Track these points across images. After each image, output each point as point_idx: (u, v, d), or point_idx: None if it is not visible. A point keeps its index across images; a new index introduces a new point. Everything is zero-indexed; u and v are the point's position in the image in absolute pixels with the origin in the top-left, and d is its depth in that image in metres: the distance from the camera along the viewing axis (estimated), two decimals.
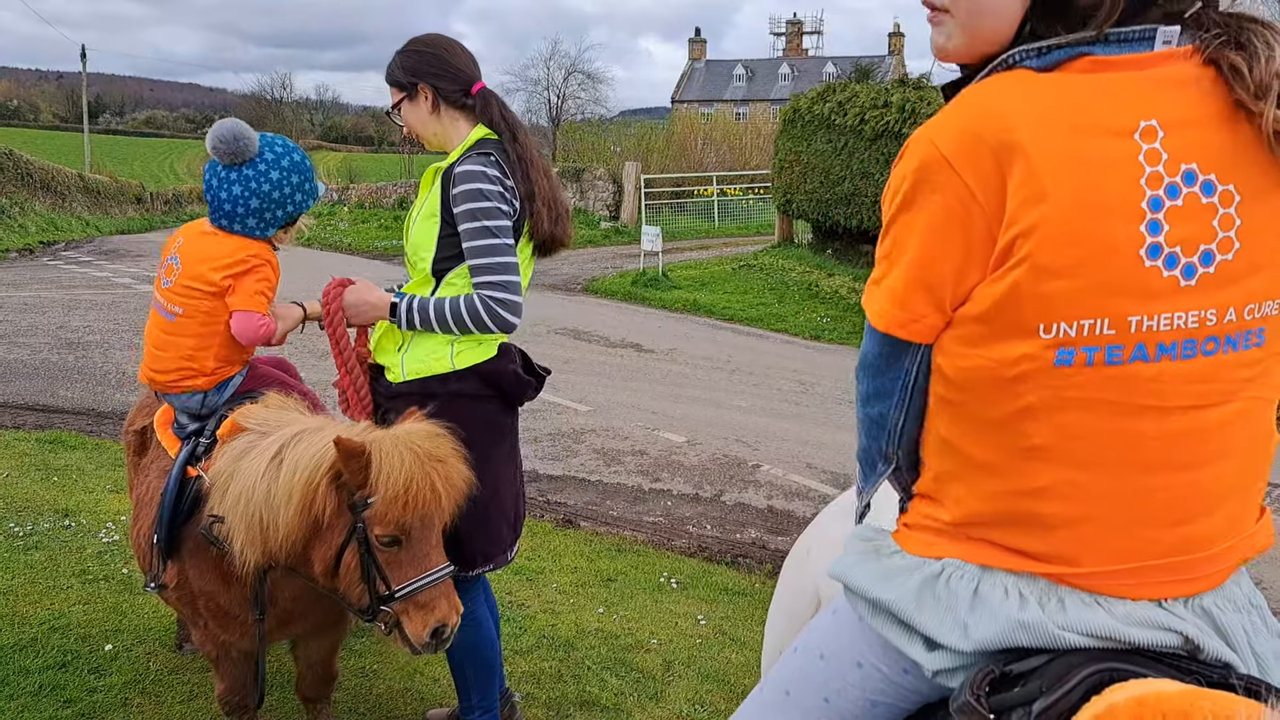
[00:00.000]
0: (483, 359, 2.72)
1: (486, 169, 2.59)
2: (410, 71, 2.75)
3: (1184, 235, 1.10)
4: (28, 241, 22.01)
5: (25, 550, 4.55)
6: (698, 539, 5.75)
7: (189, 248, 2.93)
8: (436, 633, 2.37)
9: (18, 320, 11.14)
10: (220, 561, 2.54)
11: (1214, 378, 1.14)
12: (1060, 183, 1.09)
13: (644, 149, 28.41)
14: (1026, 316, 1.12)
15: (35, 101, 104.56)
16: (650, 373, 9.96)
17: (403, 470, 2.26)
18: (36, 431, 6.78)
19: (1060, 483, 1.16)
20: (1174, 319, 1.11)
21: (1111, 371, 1.12)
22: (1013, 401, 1.16)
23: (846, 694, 1.35)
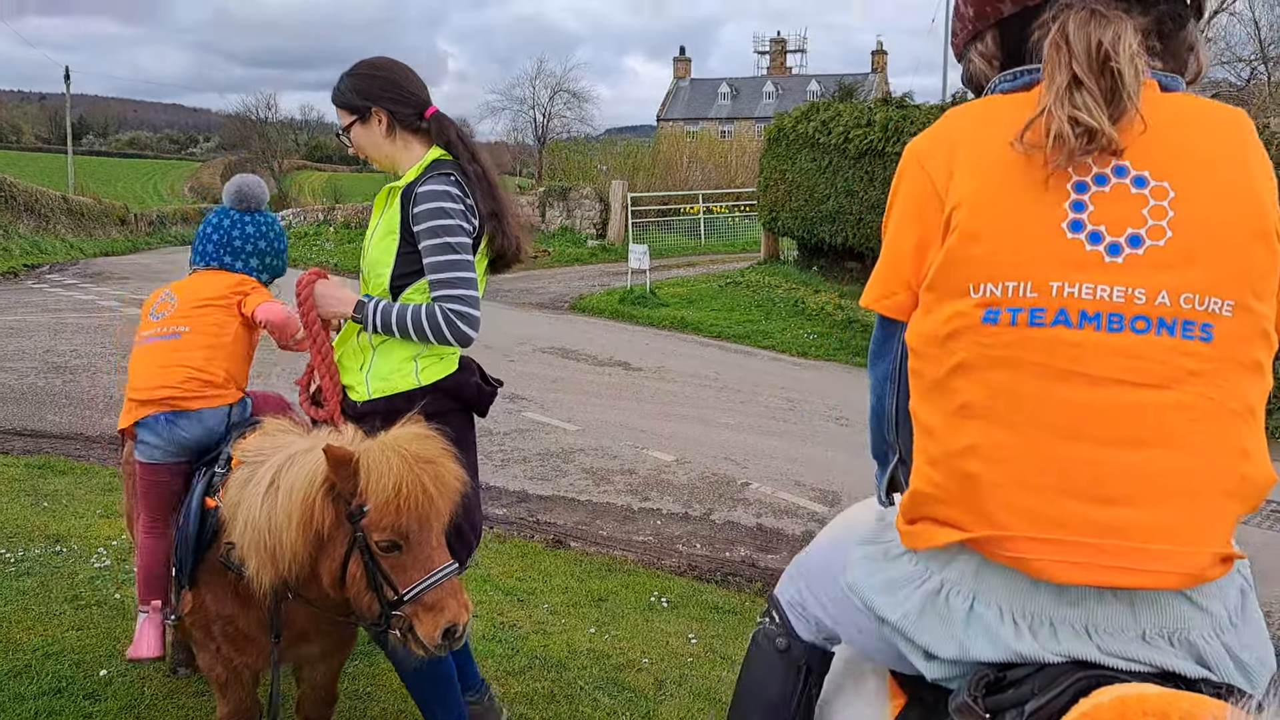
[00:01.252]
0: (446, 374, 2.77)
1: (449, 188, 2.65)
2: (364, 95, 2.79)
3: (1109, 217, 1.20)
4: (11, 265, 21.92)
5: (17, 577, 4.55)
6: (687, 558, 5.79)
7: (186, 285, 3.12)
8: (448, 633, 2.36)
9: (3, 345, 11.10)
10: (238, 586, 2.58)
11: (1145, 356, 1.19)
12: (992, 165, 1.24)
13: (630, 167, 28.55)
14: (959, 278, 1.24)
15: (18, 123, 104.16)
16: (638, 391, 10.01)
17: (391, 475, 2.28)
18: (25, 457, 6.77)
19: (986, 442, 1.23)
20: (1097, 290, 1.19)
21: (1034, 333, 1.20)
22: (948, 359, 1.26)
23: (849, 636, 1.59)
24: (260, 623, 2.66)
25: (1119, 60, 1.20)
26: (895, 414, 1.42)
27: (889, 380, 1.44)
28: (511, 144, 59.31)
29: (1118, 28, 1.22)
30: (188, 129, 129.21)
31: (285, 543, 2.33)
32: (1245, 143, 1.26)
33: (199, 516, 2.70)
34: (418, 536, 2.35)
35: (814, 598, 1.69)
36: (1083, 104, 1.19)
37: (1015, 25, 1.35)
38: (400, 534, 2.34)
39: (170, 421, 3.00)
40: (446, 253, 2.62)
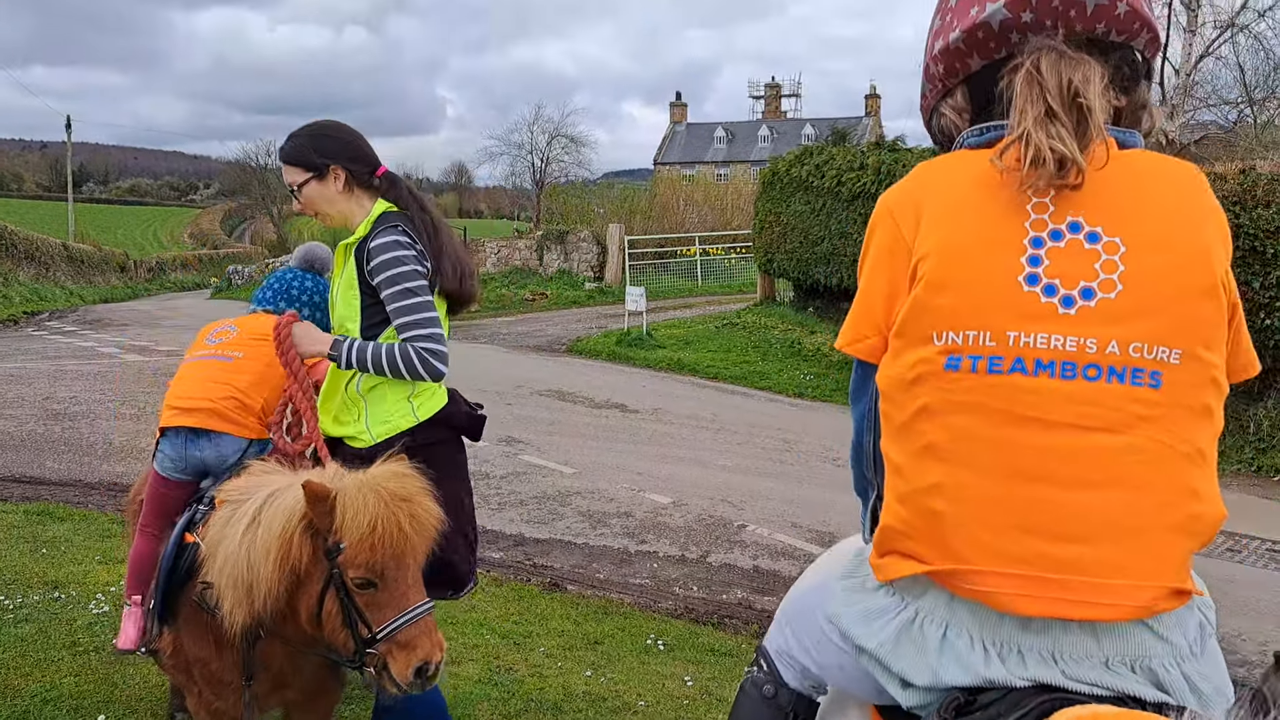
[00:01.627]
0: (440, 406, 2.91)
1: (398, 237, 2.79)
2: (323, 154, 2.91)
3: (1063, 271, 1.28)
4: (11, 312, 22.05)
5: (15, 623, 4.57)
6: (684, 600, 5.80)
7: (248, 321, 3.37)
8: (420, 671, 2.35)
9: (3, 392, 11.16)
10: (213, 628, 2.60)
11: (1097, 402, 1.26)
12: (956, 220, 1.34)
13: (627, 210, 28.79)
14: (924, 326, 1.33)
15: (19, 172, 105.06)
16: (635, 433, 10.05)
17: (367, 512, 2.29)
18: (24, 504, 6.80)
19: (950, 481, 1.30)
20: (1051, 340, 1.27)
21: (993, 380, 1.28)
22: (913, 402, 1.34)
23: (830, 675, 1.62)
24: (235, 667, 2.67)
25: (1087, 97, 1.29)
26: (874, 452, 1.49)
27: (866, 419, 1.51)
28: (510, 189, 59.82)
29: (1086, 70, 1.31)
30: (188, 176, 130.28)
31: (262, 577, 2.35)
32: (1197, 199, 1.33)
33: (175, 550, 2.75)
34: (393, 574, 2.36)
35: (799, 643, 1.73)
36: (1056, 134, 1.27)
37: (982, 78, 1.44)
38: (375, 572, 2.35)
39: (189, 440, 3.11)
40: (407, 297, 2.76)
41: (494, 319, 20.71)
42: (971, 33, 1.40)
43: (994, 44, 1.40)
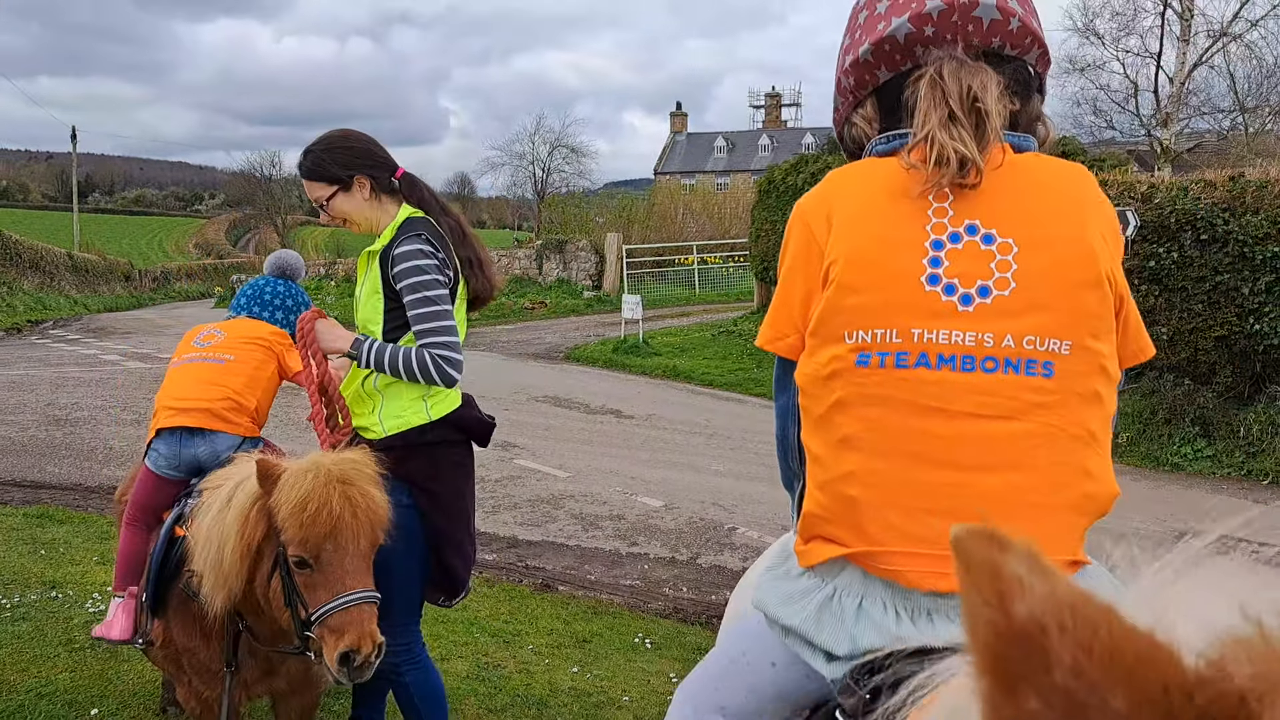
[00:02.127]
0: (452, 408, 2.99)
1: (420, 246, 2.87)
2: (345, 165, 2.99)
3: (961, 271, 1.39)
4: (15, 320, 22.19)
5: (13, 621, 4.66)
6: (673, 601, 5.87)
7: (233, 325, 3.46)
8: (346, 659, 2.34)
9: (5, 398, 11.27)
10: (200, 618, 2.68)
11: (995, 392, 1.36)
12: (861, 226, 1.44)
13: (625, 220, 28.91)
14: (836, 325, 1.43)
15: (25, 182, 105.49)
16: (629, 438, 10.14)
17: (300, 489, 2.33)
18: (24, 507, 6.89)
19: (863, 469, 1.41)
20: (951, 335, 1.38)
21: (900, 374, 1.39)
22: (829, 396, 1.44)
23: (762, 687, 1.58)
24: (220, 654, 2.74)
25: (985, 102, 1.39)
26: (797, 444, 1.57)
27: (789, 413, 1.60)
28: (512, 199, 59.99)
29: (984, 77, 1.42)
30: (193, 186, 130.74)
31: (226, 554, 2.42)
32: (1082, 198, 1.43)
33: (166, 544, 2.84)
34: (330, 557, 2.37)
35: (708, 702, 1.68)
36: (957, 135, 1.38)
37: (889, 89, 1.55)
38: (310, 551, 2.37)
39: (184, 439, 3.21)
40: (426, 305, 2.84)
41: (494, 327, 20.81)
42: (879, 46, 1.50)
43: (899, 56, 1.49)
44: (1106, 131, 25.51)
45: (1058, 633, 0.41)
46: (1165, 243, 10.13)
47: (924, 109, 1.41)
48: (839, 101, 1.64)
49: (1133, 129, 24.87)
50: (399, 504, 2.81)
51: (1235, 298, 9.62)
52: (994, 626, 0.43)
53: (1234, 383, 9.81)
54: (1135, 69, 24.24)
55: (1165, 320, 10.17)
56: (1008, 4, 1.45)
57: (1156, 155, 21.71)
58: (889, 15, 1.48)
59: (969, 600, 0.44)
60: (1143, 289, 10.39)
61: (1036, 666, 0.41)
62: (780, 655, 1.56)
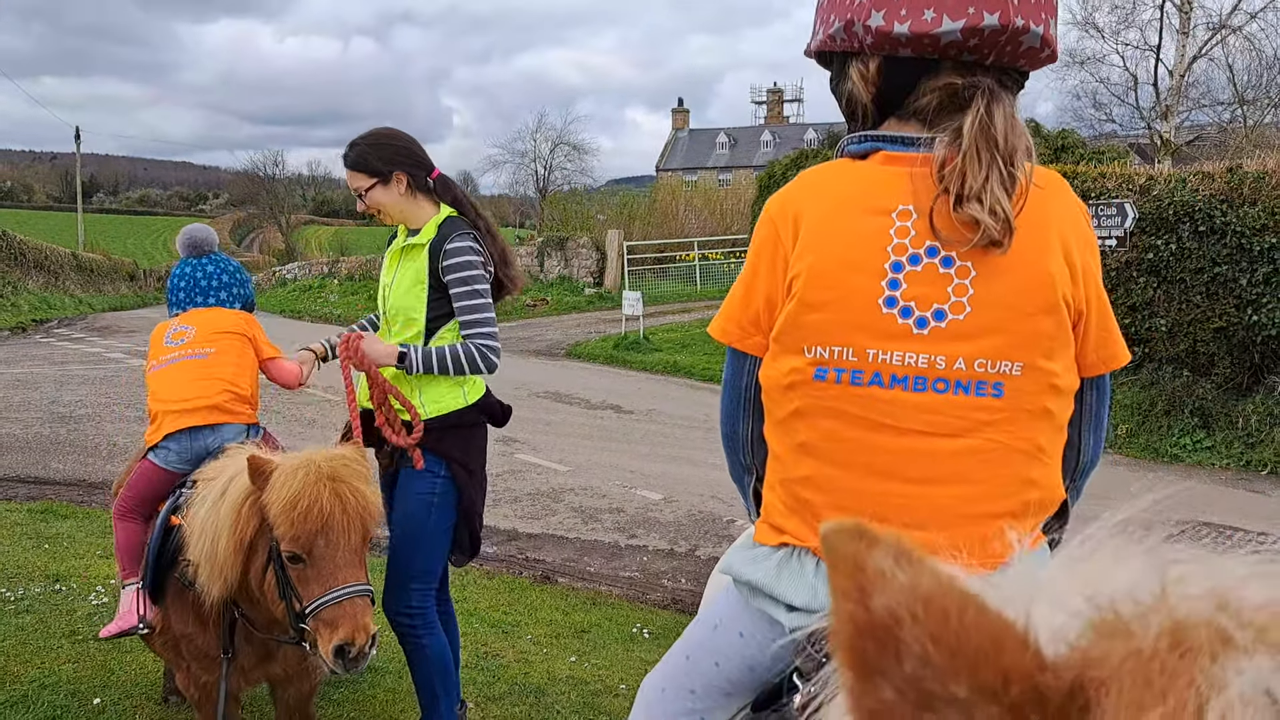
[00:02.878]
0: (481, 394, 3.27)
1: (472, 244, 3.14)
2: (387, 161, 3.21)
3: (918, 294, 1.41)
4: (20, 320, 22.28)
5: (16, 614, 4.72)
6: (672, 592, 5.92)
7: (197, 318, 3.49)
8: (340, 651, 2.38)
9: (9, 396, 11.33)
10: (197, 605, 2.73)
11: (944, 411, 1.41)
12: (824, 243, 1.45)
13: (627, 216, 28.95)
14: (796, 338, 1.47)
15: (29, 182, 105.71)
16: (629, 433, 10.18)
17: (291, 486, 2.38)
18: (28, 503, 6.95)
19: (818, 475, 1.49)
20: (905, 357, 1.42)
21: (855, 390, 1.44)
22: (788, 404, 1.50)
23: (731, 659, 1.63)
24: (217, 641, 2.78)
25: (1018, 169, 1.38)
26: (750, 438, 1.62)
27: (741, 407, 1.63)
28: (514, 197, 60.00)
29: (1026, 139, 1.40)
30: (197, 186, 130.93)
31: (220, 548, 2.47)
32: (1046, 218, 1.42)
33: (162, 533, 2.88)
34: (323, 552, 2.42)
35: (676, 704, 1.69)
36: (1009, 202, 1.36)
37: (904, 69, 1.45)
38: (301, 546, 2.42)
39: (193, 435, 3.26)
40: (475, 298, 3.12)
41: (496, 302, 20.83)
42: (918, 38, 1.40)
43: (933, 50, 1.42)
44: (1106, 124, 25.50)
45: (910, 623, 0.42)
46: (1164, 235, 10.14)
47: (975, 154, 1.37)
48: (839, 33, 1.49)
49: (1133, 122, 24.86)
50: (437, 476, 3.12)
51: (1234, 289, 9.64)
52: (853, 619, 0.44)
53: (1233, 374, 9.83)
54: (1135, 62, 24.23)
55: (1164, 312, 10.19)
56: (1050, 36, 1.41)
57: (1157, 148, 21.69)
58: (940, 13, 1.38)
59: (833, 594, 0.46)
60: (1141, 281, 10.41)
61: (890, 657, 0.42)
62: (747, 624, 1.61)
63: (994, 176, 1.35)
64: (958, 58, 1.41)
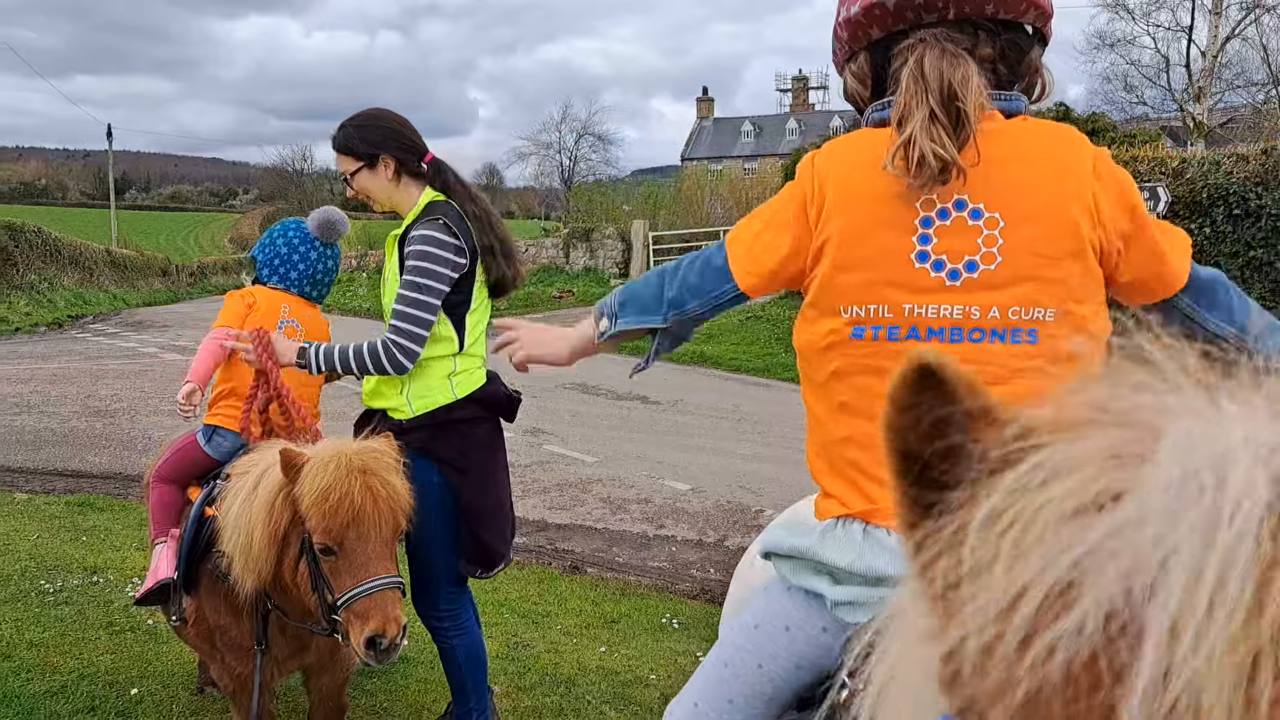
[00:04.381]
0: (477, 385, 3.06)
1: (436, 233, 2.90)
2: (373, 145, 3.03)
3: (949, 247, 1.46)
4: (56, 316, 22.62)
5: (55, 605, 4.80)
6: (701, 582, 5.92)
7: (305, 317, 3.44)
8: (372, 642, 2.41)
9: (47, 390, 11.52)
10: (230, 596, 2.76)
11: (980, 361, 1.42)
12: (852, 205, 1.49)
13: (653, 207, 28.90)
14: (832, 300, 1.52)
15: (63, 180, 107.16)
16: (656, 424, 10.18)
17: (323, 479, 2.40)
18: (66, 496, 7.06)
19: (858, 433, 1.51)
20: (940, 310, 1.46)
21: (893, 346, 1.48)
22: (827, 366, 1.53)
23: (776, 658, 1.60)
24: (251, 632, 2.82)
25: (965, 101, 1.42)
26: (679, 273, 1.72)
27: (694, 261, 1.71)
28: (539, 189, 60.11)
29: (965, 69, 1.43)
30: (227, 182, 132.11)
31: (254, 541, 2.50)
32: (1065, 167, 1.46)
33: (196, 523, 2.91)
34: (354, 544, 2.45)
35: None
36: (937, 137, 1.41)
37: (881, 49, 1.57)
38: (333, 538, 2.45)
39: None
40: (413, 290, 2.88)
41: (523, 316, 20.79)
42: (869, 10, 1.52)
43: (890, 19, 1.51)
44: (1138, 107, 25.15)
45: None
46: (1197, 218, 9.99)
47: (905, 103, 1.45)
48: (835, 48, 1.67)
49: (1164, 104, 24.50)
50: (430, 482, 2.89)
51: (1269, 272, 9.48)
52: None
53: None
54: (1166, 43, 23.87)
55: None
56: None
57: (1189, 130, 21.36)
58: None
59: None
60: None
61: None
62: (792, 614, 1.58)
63: (930, 115, 1.42)
64: (919, 23, 1.48)
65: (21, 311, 21.70)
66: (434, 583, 3.11)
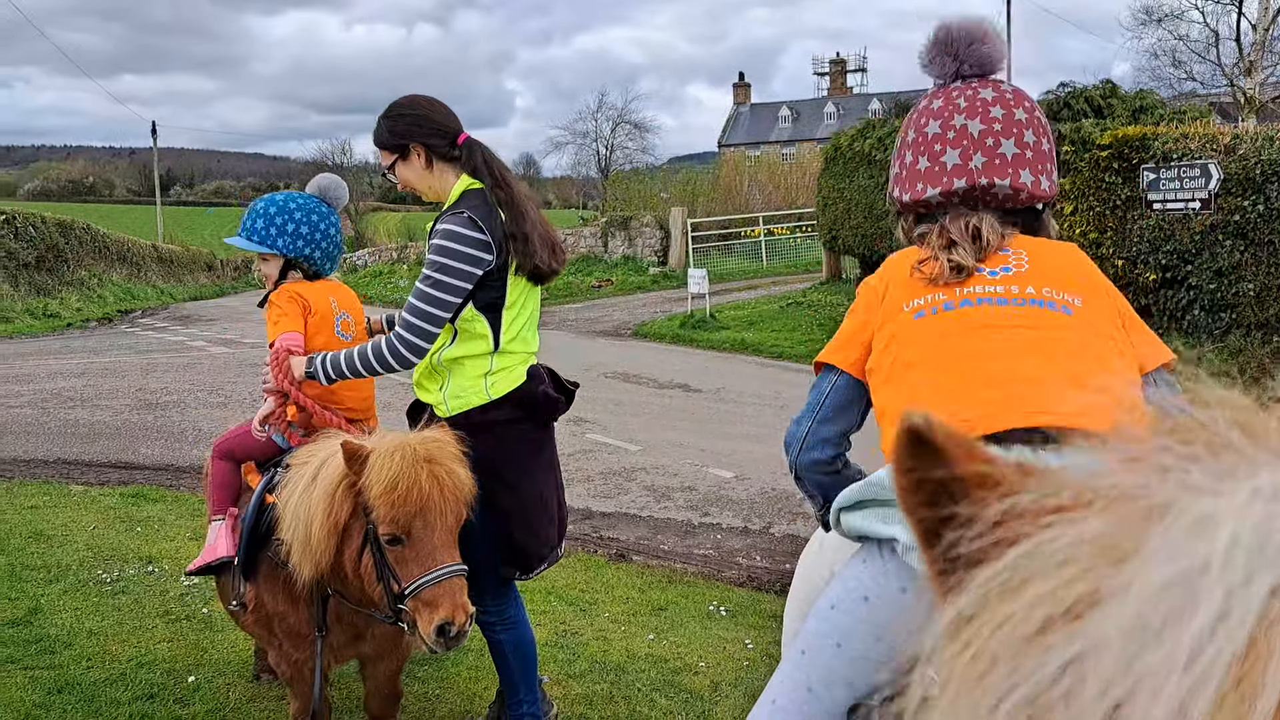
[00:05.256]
0: (514, 385, 2.98)
1: (459, 226, 2.83)
2: (400, 135, 2.98)
3: (987, 262, 1.83)
4: (106, 311, 23.08)
5: (113, 595, 4.89)
6: (747, 569, 5.89)
7: (344, 301, 3.36)
8: (442, 630, 2.45)
9: (100, 384, 11.75)
10: (289, 584, 2.79)
11: (1025, 315, 1.73)
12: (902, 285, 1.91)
13: (690, 194, 28.76)
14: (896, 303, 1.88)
15: (110, 178, 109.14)
16: (698, 412, 10.15)
17: (390, 469, 2.43)
18: (120, 487, 7.21)
19: (926, 381, 1.74)
20: (985, 288, 1.79)
21: (949, 314, 1.78)
22: (889, 358, 1.83)
23: (855, 632, 1.61)
24: (309, 619, 2.86)
25: (983, 231, 1.83)
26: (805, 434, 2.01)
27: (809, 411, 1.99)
28: (576, 178, 60.12)
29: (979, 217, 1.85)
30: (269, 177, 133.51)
31: (313, 532, 2.53)
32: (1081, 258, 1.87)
33: (257, 510, 2.94)
34: (420, 534, 2.47)
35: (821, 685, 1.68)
36: (958, 253, 1.81)
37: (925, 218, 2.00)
38: (400, 528, 2.47)
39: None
40: (427, 284, 2.84)
41: (562, 306, 20.98)
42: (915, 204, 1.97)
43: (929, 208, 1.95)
44: (1186, 83, 24.59)
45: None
46: (1250, 195, 9.73)
47: (931, 242, 1.87)
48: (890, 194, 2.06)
49: (1214, 79, 23.92)
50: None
51: None
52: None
53: None
54: (1216, 17, 23.29)
55: (1252, 276, 9.79)
56: (1021, 182, 1.86)
57: (1240, 106, 20.84)
58: (927, 182, 1.91)
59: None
60: (1227, 244, 10.01)
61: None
62: (871, 583, 1.62)
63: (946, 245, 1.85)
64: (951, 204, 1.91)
65: (73, 307, 22.17)
66: (479, 579, 3.04)
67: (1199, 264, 10.36)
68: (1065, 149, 11.89)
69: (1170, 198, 10.60)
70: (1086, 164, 11.56)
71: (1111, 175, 11.32)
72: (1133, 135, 11.27)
